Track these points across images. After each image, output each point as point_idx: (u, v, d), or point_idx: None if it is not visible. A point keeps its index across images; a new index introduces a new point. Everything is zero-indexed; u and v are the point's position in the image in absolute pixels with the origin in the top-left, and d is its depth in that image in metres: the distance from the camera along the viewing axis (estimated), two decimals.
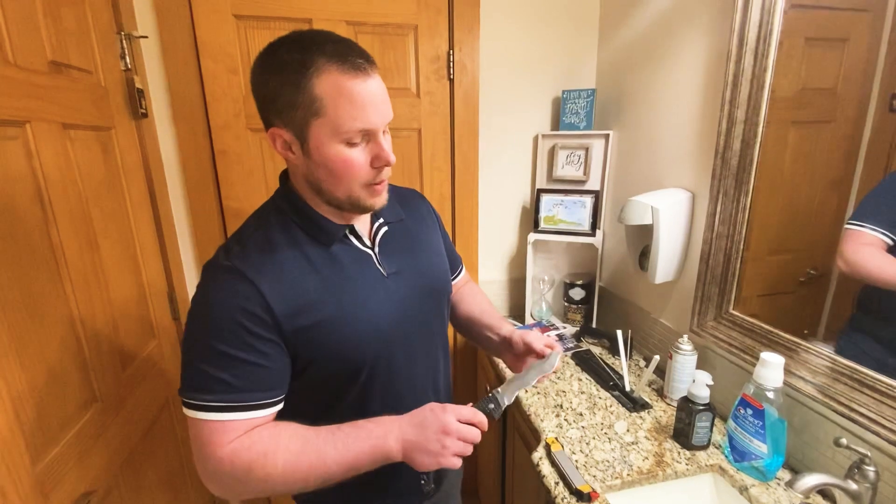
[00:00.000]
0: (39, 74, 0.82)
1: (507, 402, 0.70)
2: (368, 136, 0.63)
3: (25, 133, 0.77)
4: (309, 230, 0.69)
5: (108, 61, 1.07)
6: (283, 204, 0.70)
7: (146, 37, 1.20)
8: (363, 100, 0.60)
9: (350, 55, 0.60)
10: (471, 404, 0.67)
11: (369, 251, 0.73)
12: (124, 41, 1.12)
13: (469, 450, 0.64)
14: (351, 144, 0.62)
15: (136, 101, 1.16)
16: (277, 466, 0.61)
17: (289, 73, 0.59)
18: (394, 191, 0.84)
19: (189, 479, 1.34)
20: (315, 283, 0.66)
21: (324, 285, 0.66)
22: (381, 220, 0.77)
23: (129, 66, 1.14)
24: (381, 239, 0.75)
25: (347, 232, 0.72)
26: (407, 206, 0.84)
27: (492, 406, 0.68)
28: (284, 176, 0.74)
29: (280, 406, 0.67)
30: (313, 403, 0.72)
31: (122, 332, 1.03)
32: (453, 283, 0.96)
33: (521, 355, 0.82)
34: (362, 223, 0.75)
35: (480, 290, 1.02)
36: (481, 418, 0.65)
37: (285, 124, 0.62)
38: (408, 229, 0.81)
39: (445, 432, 0.62)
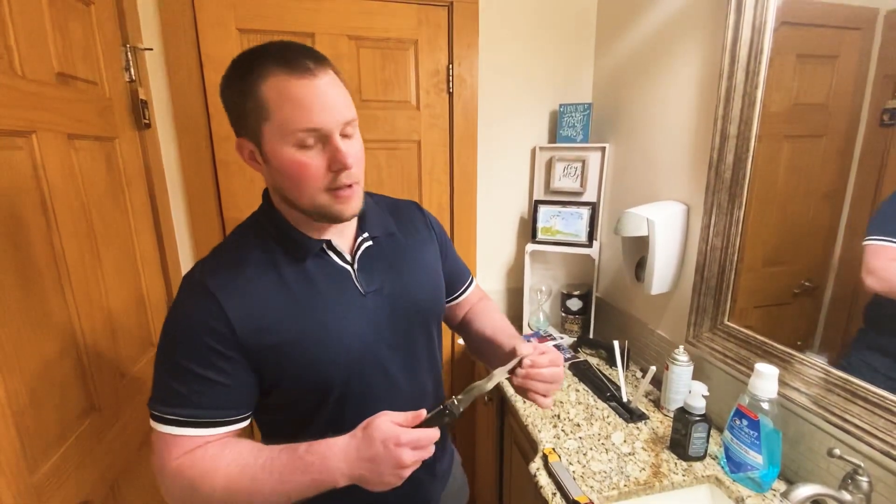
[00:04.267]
0: (46, 86, 0.84)
1: (459, 413, 0.64)
2: (322, 138, 0.60)
3: (31, 143, 0.78)
4: (283, 244, 0.67)
5: (113, 73, 1.09)
6: (261, 218, 0.70)
7: (151, 49, 1.22)
8: (308, 99, 0.58)
9: (295, 57, 0.58)
10: (424, 414, 0.62)
11: (348, 267, 0.70)
12: (129, 53, 1.14)
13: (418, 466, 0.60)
14: (303, 147, 0.59)
15: (139, 112, 1.18)
16: (216, 489, 0.59)
17: (238, 81, 0.60)
18: (387, 203, 0.82)
19: None
20: (282, 301, 0.64)
21: (291, 303, 0.64)
22: (366, 235, 0.73)
23: (134, 77, 1.16)
24: (362, 254, 0.72)
25: (325, 246, 0.69)
26: (400, 219, 0.81)
27: (447, 420, 0.62)
28: (265, 194, 0.72)
29: (241, 425, 0.65)
30: (287, 423, 0.70)
31: (121, 341, 1.04)
32: (462, 296, 0.94)
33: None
34: (344, 237, 0.71)
35: (495, 307, 0.96)
36: (434, 435, 0.60)
37: (245, 133, 0.62)
38: (397, 244, 0.77)
39: (402, 466, 0.57)
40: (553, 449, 1.00)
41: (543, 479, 0.92)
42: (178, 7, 1.22)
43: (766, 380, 0.85)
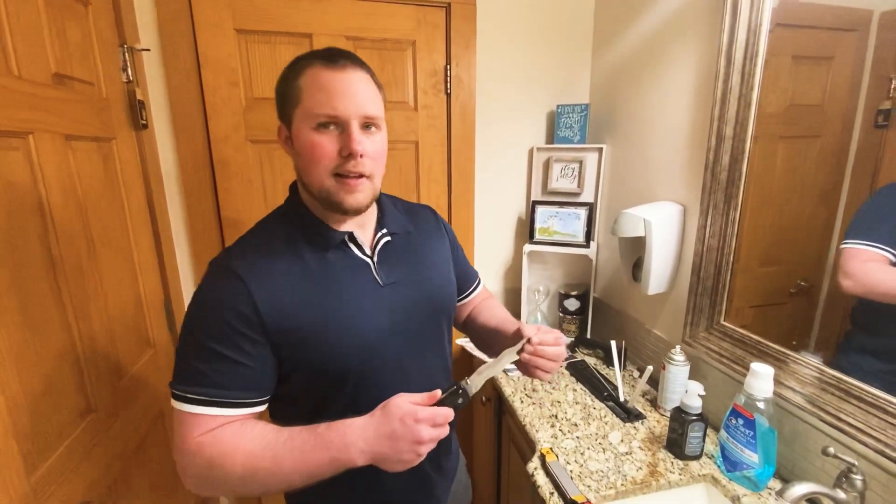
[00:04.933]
0: (43, 86, 0.84)
1: (473, 391, 0.67)
2: (340, 125, 0.64)
3: (28, 144, 0.78)
4: (307, 234, 0.70)
5: (110, 73, 1.08)
6: (288, 208, 0.74)
7: (148, 49, 1.22)
8: (334, 88, 0.63)
9: (334, 54, 0.65)
10: (439, 394, 0.63)
11: (368, 259, 0.74)
12: (126, 54, 1.14)
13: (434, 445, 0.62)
14: (321, 130, 0.64)
15: (137, 113, 1.18)
16: (236, 466, 0.60)
17: (287, 72, 0.67)
18: (404, 205, 0.87)
19: (182, 489, 1.33)
20: (305, 287, 0.67)
21: (314, 290, 0.67)
22: (385, 231, 0.77)
23: (131, 78, 1.15)
24: (381, 249, 0.76)
25: (347, 239, 0.72)
26: (416, 220, 0.85)
27: (460, 401, 0.65)
28: (294, 184, 0.76)
29: (260, 408, 0.67)
30: (302, 409, 0.71)
31: (118, 342, 1.03)
32: (470, 296, 0.98)
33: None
34: (364, 231, 0.76)
35: (499, 304, 1.01)
36: (449, 415, 0.62)
37: (282, 118, 0.69)
38: (413, 243, 0.81)
39: (420, 442, 0.59)
40: (551, 448, 1.00)
41: (541, 479, 0.93)
42: (175, 8, 1.22)
43: (761, 379, 0.86)
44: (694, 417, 0.94)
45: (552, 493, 0.88)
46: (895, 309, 0.82)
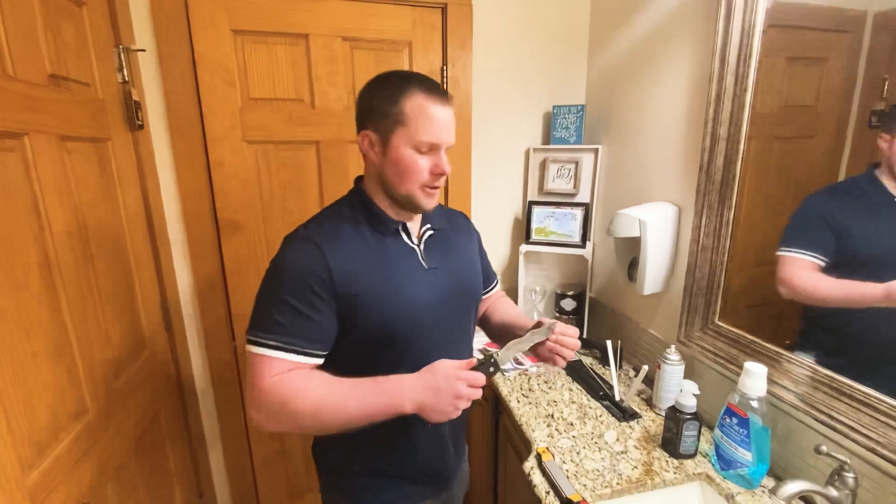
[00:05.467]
0: (38, 87, 0.84)
1: (502, 366, 0.80)
2: (433, 149, 0.79)
3: (24, 145, 0.78)
4: (370, 220, 0.84)
5: (105, 74, 1.08)
6: (354, 198, 0.87)
7: (144, 50, 1.22)
8: (438, 121, 0.77)
9: (437, 89, 0.79)
10: (474, 361, 0.77)
11: (415, 247, 0.87)
12: (122, 54, 1.14)
13: (468, 404, 0.75)
14: (420, 152, 0.78)
15: (132, 113, 1.18)
16: (307, 403, 0.72)
17: (391, 90, 0.78)
18: (443, 208, 1.00)
19: (179, 489, 1.33)
20: (368, 261, 0.80)
21: (374, 264, 0.80)
22: (429, 226, 0.91)
23: (127, 78, 1.15)
24: (426, 239, 0.89)
25: (400, 228, 0.85)
26: (452, 220, 0.99)
27: (492, 369, 0.78)
28: (359, 179, 0.89)
29: (319, 360, 0.79)
30: (351, 366, 0.81)
31: (114, 342, 1.03)
32: (489, 294, 1.10)
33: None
34: (413, 224, 0.89)
35: (513, 303, 1.14)
36: (482, 380, 0.75)
37: (375, 129, 0.79)
38: (450, 238, 0.95)
39: (458, 397, 0.72)
40: (547, 448, 1.01)
41: (537, 478, 0.93)
42: (171, 8, 1.22)
43: (755, 378, 0.86)
44: (689, 416, 0.95)
45: (548, 492, 0.89)
46: (835, 309, 0.89)
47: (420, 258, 0.86)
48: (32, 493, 0.72)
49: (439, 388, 0.73)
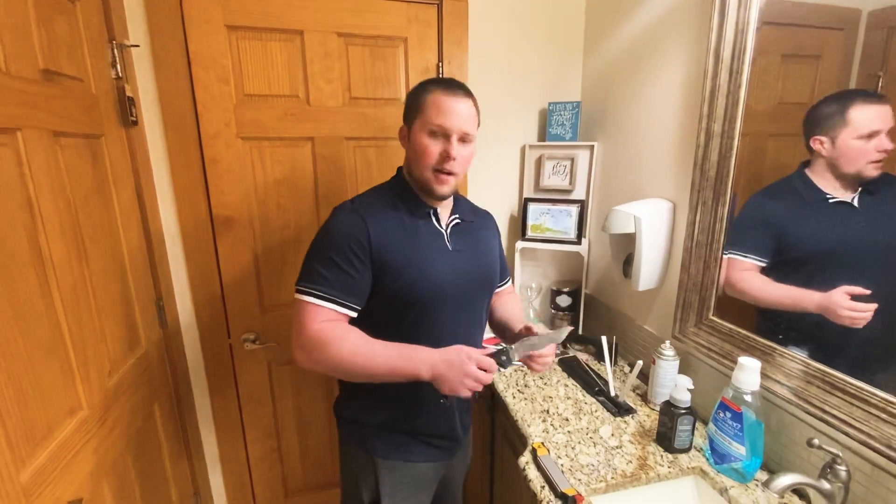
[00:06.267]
0: (31, 82, 0.83)
1: (514, 360, 0.89)
2: (445, 135, 0.90)
3: (16, 140, 0.77)
4: (406, 203, 0.97)
5: (99, 70, 1.07)
6: (394, 183, 1.01)
7: (137, 46, 1.21)
8: (447, 107, 0.89)
9: (451, 83, 0.93)
10: (488, 352, 0.87)
11: (443, 231, 0.99)
12: (116, 50, 1.13)
13: (479, 387, 0.85)
14: (431, 135, 0.90)
15: (126, 110, 1.17)
16: (345, 349, 0.85)
17: (418, 90, 0.94)
18: (472, 206, 1.13)
19: (174, 487, 1.32)
20: (401, 235, 0.93)
21: (405, 239, 0.93)
22: (457, 216, 1.03)
23: (121, 74, 1.14)
24: (452, 226, 1.01)
25: (431, 212, 0.98)
26: (478, 216, 1.11)
27: (504, 358, 0.88)
28: (400, 168, 1.02)
29: (353, 313, 0.91)
30: (381, 319, 0.93)
31: (108, 339, 1.03)
32: (500, 289, 1.17)
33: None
34: (444, 211, 1.01)
35: (518, 301, 1.24)
36: (493, 367, 0.85)
37: (406, 122, 0.96)
38: (475, 230, 1.07)
39: (466, 374, 0.83)
40: (542, 443, 1.01)
41: (532, 473, 0.94)
42: (165, 3, 1.21)
43: (748, 373, 0.87)
44: (683, 411, 0.96)
45: (543, 487, 0.89)
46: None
47: (446, 240, 0.98)
48: (26, 490, 0.72)
49: (452, 362, 0.83)
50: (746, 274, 0.96)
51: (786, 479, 0.74)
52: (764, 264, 0.93)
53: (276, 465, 1.64)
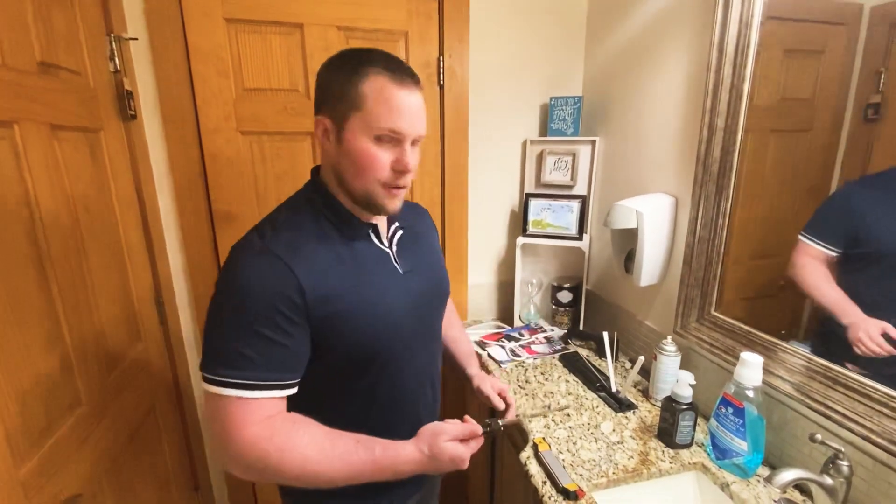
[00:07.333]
0: (28, 75, 0.82)
1: (497, 432, 0.82)
2: (396, 140, 0.68)
3: (13, 134, 0.77)
4: (337, 224, 0.73)
5: (97, 63, 1.06)
6: (314, 196, 0.75)
7: (136, 39, 1.20)
8: (399, 105, 0.66)
9: (398, 67, 0.68)
10: (479, 431, 0.76)
11: (388, 250, 0.79)
12: (114, 43, 1.12)
13: (465, 465, 0.73)
14: (378, 142, 0.67)
15: (125, 103, 1.16)
16: (293, 466, 0.64)
17: (346, 70, 0.67)
18: (405, 201, 0.89)
19: (175, 482, 1.32)
20: (341, 274, 0.70)
21: (348, 276, 0.71)
22: (397, 224, 0.83)
23: (119, 67, 1.14)
24: (397, 240, 0.82)
25: (370, 231, 0.77)
26: (414, 214, 0.91)
27: (488, 430, 0.79)
28: (315, 171, 0.79)
29: (293, 390, 0.69)
30: (326, 387, 0.75)
31: (108, 335, 1.02)
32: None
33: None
34: (382, 222, 0.80)
35: (457, 316, 1.13)
36: (479, 430, 0.75)
37: (329, 114, 0.69)
38: (419, 234, 0.89)
39: (452, 459, 0.70)
40: (543, 438, 1.01)
41: (534, 468, 0.93)
42: None
43: (750, 368, 0.87)
44: (684, 407, 0.96)
45: (545, 482, 0.89)
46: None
47: (394, 262, 0.78)
48: (25, 485, 0.72)
49: (443, 467, 0.71)
50: (811, 263, 0.90)
51: (788, 475, 0.74)
52: (835, 254, 0.88)
53: None
